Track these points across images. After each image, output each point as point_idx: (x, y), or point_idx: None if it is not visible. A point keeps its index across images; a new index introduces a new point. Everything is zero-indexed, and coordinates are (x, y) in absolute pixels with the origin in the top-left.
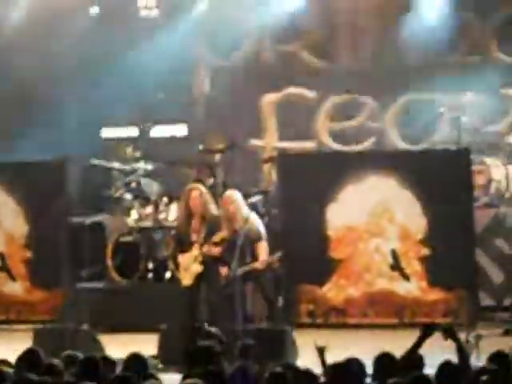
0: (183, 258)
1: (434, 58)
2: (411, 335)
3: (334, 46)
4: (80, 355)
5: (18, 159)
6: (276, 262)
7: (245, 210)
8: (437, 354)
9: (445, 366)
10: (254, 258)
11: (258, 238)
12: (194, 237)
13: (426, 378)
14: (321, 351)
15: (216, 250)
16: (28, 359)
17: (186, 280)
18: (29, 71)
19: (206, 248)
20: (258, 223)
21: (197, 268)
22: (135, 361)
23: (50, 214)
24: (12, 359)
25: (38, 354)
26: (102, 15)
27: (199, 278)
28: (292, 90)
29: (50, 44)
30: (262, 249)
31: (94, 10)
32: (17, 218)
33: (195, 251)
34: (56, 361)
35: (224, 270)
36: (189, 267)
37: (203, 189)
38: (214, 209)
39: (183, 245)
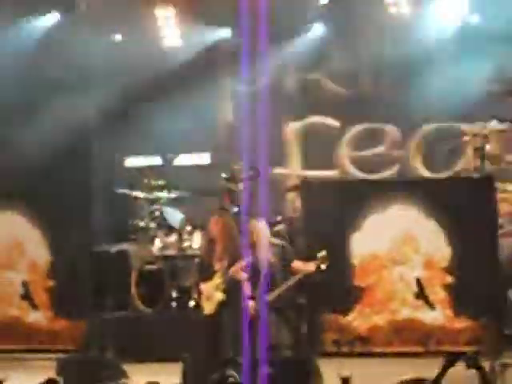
0: (206, 287)
1: None
2: (437, 363)
3: (357, 74)
4: None
5: (43, 188)
6: (322, 262)
7: (270, 238)
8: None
9: None
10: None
11: (292, 260)
12: (216, 265)
13: None
14: (345, 381)
15: (242, 275)
16: None
17: (209, 308)
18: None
19: (232, 271)
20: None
21: (219, 296)
22: None
23: (73, 242)
24: None
25: None
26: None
27: (222, 306)
28: (315, 118)
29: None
30: (299, 263)
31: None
32: (40, 247)
33: (217, 279)
34: None
35: (250, 302)
36: (211, 295)
37: (227, 217)
38: (237, 237)
39: (206, 273)
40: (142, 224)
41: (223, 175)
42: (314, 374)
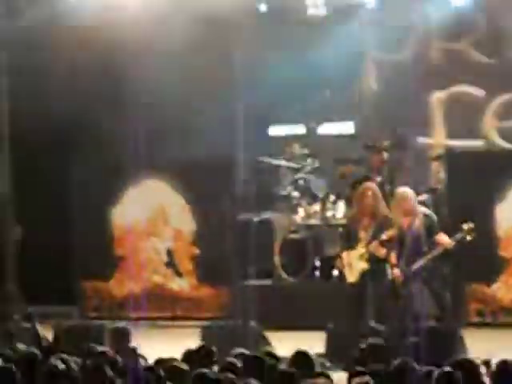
0: (349, 256)
1: None
2: None
3: (501, 43)
4: (248, 353)
5: (186, 159)
6: (468, 233)
7: (419, 207)
8: None
9: None
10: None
11: (438, 229)
12: (361, 234)
13: None
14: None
15: (382, 252)
16: (201, 356)
17: (352, 277)
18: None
19: (372, 247)
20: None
21: (362, 266)
22: (301, 358)
23: (217, 211)
24: (178, 356)
25: (211, 352)
26: (268, 13)
27: (365, 275)
28: (460, 88)
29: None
30: (443, 236)
31: (262, 8)
32: (185, 215)
33: (361, 249)
34: (232, 359)
35: (395, 272)
36: (355, 265)
37: (376, 188)
38: (384, 207)
39: (351, 242)
40: (285, 193)
41: (368, 144)
42: (458, 344)
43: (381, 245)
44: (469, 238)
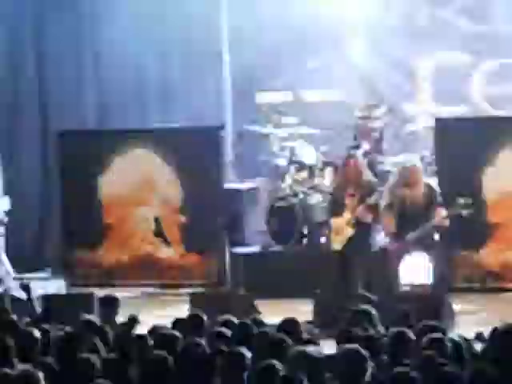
0: (336, 222)
1: None
2: None
3: (489, 9)
4: (236, 320)
5: (173, 127)
6: (465, 207)
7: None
8: None
9: None
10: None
11: (438, 203)
12: (347, 200)
13: None
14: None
15: (368, 217)
16: (192, 324)
17: (338, 244)
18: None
19: (359, 212)
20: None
21: (349, 232)
22: (289, 325)
23: (205, 179)
24: (168, 324)
25: (201, 320)
26: None
27: (351, 241)
28: (446, 54)
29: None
30: (440, 209)
31: None
32: (172, 183)
33: (348, 215)
34: (222, 328)
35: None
36: (341, 231)
37: (359, 156)
38: (369, 175)
39: (337, 209)
40: (272, 160)
41: (356, 112)
42: (447, 310)
43: (367, 209)
44: (465, 213)
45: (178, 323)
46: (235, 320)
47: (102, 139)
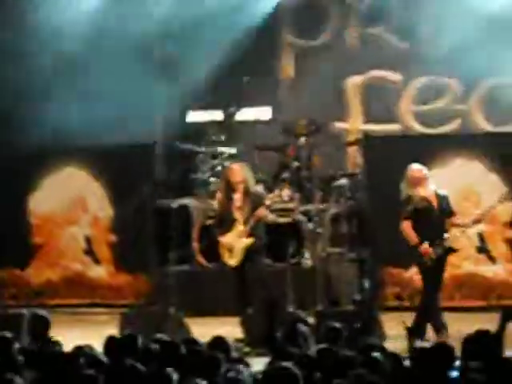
0: (226, 238)
1: None
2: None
3: (418, 28)
4: (167, 339)
5: (106, 145)
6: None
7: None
8: None
9: None
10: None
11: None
12: (236, 214)
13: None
14: (410, 331)
15: (263, 211)
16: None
17: (232, 260)
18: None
19: (257, 214)
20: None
21: (244, 243)
22: (218, 343)
23: (136, 197)
24: (96, 344)
25: (134, 338)
26: None
27: (248, 253)
28: (376, 72)
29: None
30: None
31: None
32: (103, 201)
33: (240, 227)
34: (153, 345)
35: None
36: (234, 246)
37: (238, 167)
38: (255, 185)
39: (224, 226)
40: (203, 179)
41: (284, 130)
42: (377, 328)
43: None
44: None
45: (110, 342)
46: (166, 338)
47: (32, 157)
